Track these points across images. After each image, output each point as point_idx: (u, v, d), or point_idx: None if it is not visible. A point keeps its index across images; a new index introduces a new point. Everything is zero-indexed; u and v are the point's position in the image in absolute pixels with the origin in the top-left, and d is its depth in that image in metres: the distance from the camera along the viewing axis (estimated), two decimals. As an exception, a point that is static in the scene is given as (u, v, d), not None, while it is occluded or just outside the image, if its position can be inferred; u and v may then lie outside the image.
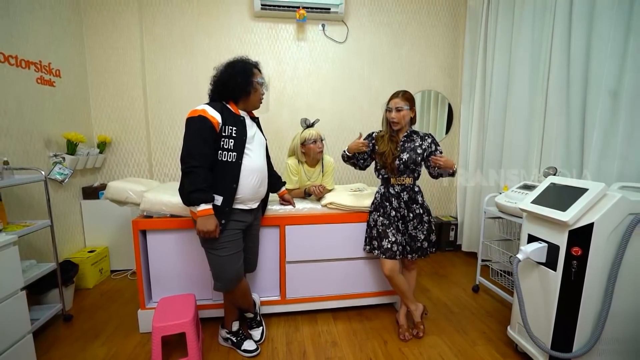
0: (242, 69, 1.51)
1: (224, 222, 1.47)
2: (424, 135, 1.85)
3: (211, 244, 1.49)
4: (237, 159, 1.48)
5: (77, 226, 2.56)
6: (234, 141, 1.47)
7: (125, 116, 2.83)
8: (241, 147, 1.49)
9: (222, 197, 1.46)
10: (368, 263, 2.05)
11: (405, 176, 1.82)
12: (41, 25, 2.23)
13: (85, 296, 2.31)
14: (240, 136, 1.50)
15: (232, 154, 1.47)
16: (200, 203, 1.39)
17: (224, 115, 1.47)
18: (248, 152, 1.52)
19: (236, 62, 1.53)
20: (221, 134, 1.46)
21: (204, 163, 1.40)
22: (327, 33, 3.06)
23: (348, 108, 3.19)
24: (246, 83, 1.52)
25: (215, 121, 1.43)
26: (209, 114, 1.43)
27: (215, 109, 1.46)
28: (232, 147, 1.47)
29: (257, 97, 1.59)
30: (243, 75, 1.50)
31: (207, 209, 1.40)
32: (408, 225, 1.83)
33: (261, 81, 1.57)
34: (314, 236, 1.95)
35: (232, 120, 1.49)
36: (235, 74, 1.50)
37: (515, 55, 2.48)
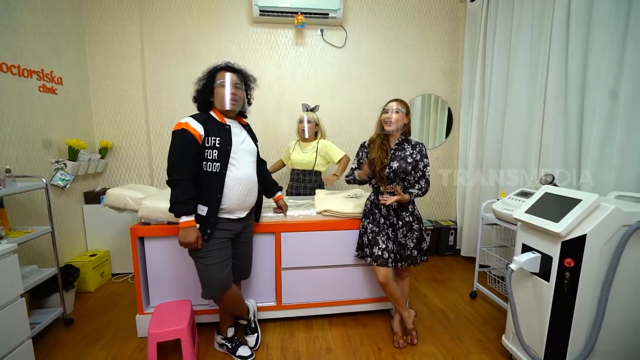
0: (204, 76, 1.55)
1: (209, 232, 1.49)
2: (416, 144, 1.85)
3: (197, 252, 1.51)
4: (221, 169, 1.49)
5: (79, 230, 2.60)
6: (218, 151, 1.49)
7: (126, 122, 2.87)
8: (225, 157, 1.50)
9: (207, 208, 1.48)
10: (363, 270, 2.06)
11: (395, 184, 1.82)
12: (43, 35, 2.27)
13: (87, 300, 2.35)
14: (224, 146, 1.51)
15: (216, 164, 1.49)
16: (182, 215, 1.42)
17: (208, 125, 1.49)
18: (233, 162, 1.53)
19: (204, 72, 1.57)
20: (204, 145, 1.48)
21: (186, 176, 1.43)
22: (326, 38, 3.07)
23: (347, 113, 3.19)
24: (206, 91, 1.55)
25: (197, 133, 1.45)
26: (190, 127, 1.46)
27: (199, 120, 1.49)
28: (215, 158, 1.49)
29: (219, 101, 1.54)
30: (203, 85, 1.55)
31: (188, 221, 1.43)
32: (397, 233, 1.83)
33: (219, 82, 1.53)
34: (309, 243, 1.97)
35: (216, 130, 1.51)
36: (199, 84, 1.55)
37: (514, 59, 2.47)
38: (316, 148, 2.49)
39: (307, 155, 2.48)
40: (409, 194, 1.77)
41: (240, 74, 1.61)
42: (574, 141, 2.02)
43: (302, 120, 2.47)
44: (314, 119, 2.49)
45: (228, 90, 1.53)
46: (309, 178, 2.51)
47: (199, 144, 1.47)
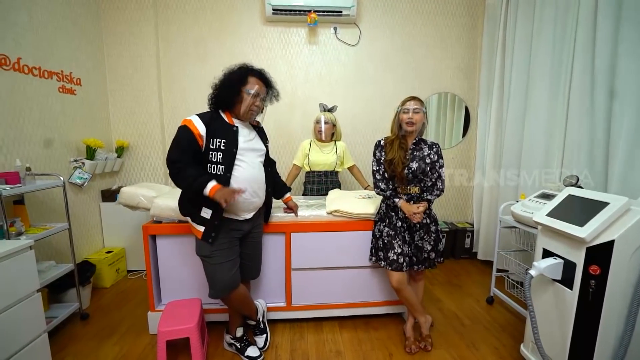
0: (233, 77, 1.50)
1: (214, 235, 1.49)
2: (432, 144, 1.79)
3: (204, 251, 1.51)
4: (225, 172, 1.47)
5: (96, 227, 2.67)
6: (223, 154, 1.47)
7: (142, 121, 2.92)
8: (230, 160, 1.49)
9: (211, 210, 1.48)
10: (375, 272, 2.01)
11: (412, 185, 1.77)
12: (63, 37, 2.33)
13: (102, 295, 2.41)
14: (230, 148, 1.49)
15: (220, 167, 1.47)
16: (206, 184, 1.40)
17: (213, 126, 1.47)
18: (239, 164, 1.51)
19: (233, 68, 1.53)
20: (209, 147, 1.47)
21: (186, 162, 1.44)
22: (339, 36, 3.04)
23: (361, 112, 3.15)
24: (232, 92, 1.50)
25: (197, 132, 1.44)
26: (192, 125, 1.45)
27: (203, 119, 1.47)
28: (220, 160, 1.47)
29: (244, 108, 1.51)
30: (231, 83, 1.50)
31: (214, 185, 1.40)
32: (414, 235, 1.78)
33: (250, 91, 1.50)
34: (319, 243, 1.94)
35: (222, 131, 1.49)
36: (224, 81, 1.51)
37: (536, 56, 2.36)
38: (335, 148, 2.47)
39: (329, 155, 2.45)
40: (427, 200, 1.72)
41: (270, 87, 1.60)
42: (601, 142, 1.91)
43: (319, 121, 2.43)
44: (332, 120, 2.45)
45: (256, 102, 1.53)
46: (330, 179, 2.48)
47: (199, 143, 1.46)
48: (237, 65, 1.55)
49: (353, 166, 2.55)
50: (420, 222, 1.75)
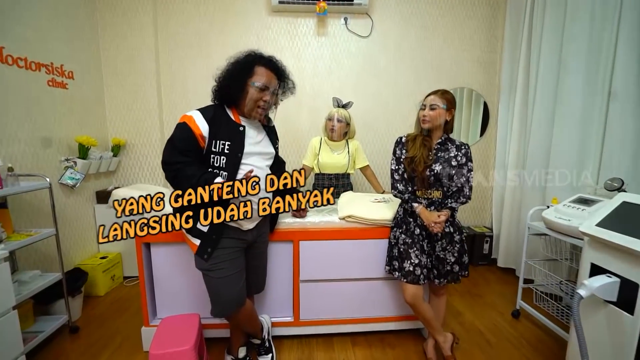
0: (237, 67, 1.30)
1: (210, 251, 1.31)
2: (460, 144, 1.59)
3: (205, 264, 1.33)
4: (228, 179, 1.29)
5: (90, 231, 2.50)
6: (226, 158, 1.29)
7: (139, 118, 2.75)
8: (234, 165, 1.30)
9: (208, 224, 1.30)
10: (391, 284, 1.82)
11: (434, 189, 1.57)
12: (53, 27, 2.16)
13: (95, 305, 2.24)
14: (234, 152, 1.30)
15: (223, 173, 1.30)
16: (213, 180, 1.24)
17: (217, 125, 1.29)
18: (244, 168, 1.33)
19: (239, 57, 1.33)
20: (211, 150, 1.29)
21: (186, 162, 1.26)
22: (350, 27, 2.84)
23: (372, 107, 2.95)
24: (236, 86, 1.29)
25: (198, 132, 1.26)
26: (194, 122, 1.26)
27: (206, 116, 1.28)
28: (223, 165, 1.29)
29: (248, 105, 1.31)
30: (235, 74, 1.29)
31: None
32: (435, 245, 1.58)
33: (257, 84, 1.30)
34: (331, 253, 1.75)
35: (227, 131, 1.31)
36: (228, 73, 1.31)
37: (568, 48, 2.14)
38: (348, 149, 2.27)
39: (340, 157, 2.25)
40: (450, 208, 1.53)
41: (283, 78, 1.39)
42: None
43: (332, 118, 2.22)
44: (346, 117, 2.24)
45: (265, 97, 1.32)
46: (342, 182, 2.29)
47: (199, 144, 1.28)
48: (244, 52, 1.34)
49: (367, 167, 2.35)
50: (443, 230, 1.56)
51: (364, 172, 2.37)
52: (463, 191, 1.57)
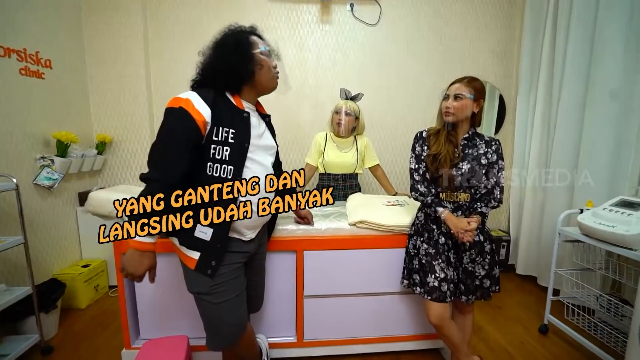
0: (235, 45, 1.08)
1: (214, 264, 1.07)
2: (490, 140, 1.38)
3: (202, 288, 1.09)
4: (235, 174, 1.07)
5: (71, 236, 2.27)
6: (231, 149, 1.06)
7: (127, 112, 2.52)
8: (241, 158, 1.08)
9: (212, 229, 1.06)
10: (409, 299, 1.60)
11: (461, 191, 1.36)
12: (27, 9, 1.93)
13: (75, 319, 2.01)
14: (241, 142, 1.08)
15: (228, 168, 1.06)
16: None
17: (217, 111, 1.06)
18: (250, 164, 1.11)
19: (226, 37, 1.11)
20: (211, 139, 1.05)
21: (167, 178, 0.99)
22: (357, 14, 2.61)
23: (380, 101, 2.72)
24: (245, 62, 1.08)
25: (200, 119, 1.02)
26: (193, 107, 1.01)
27: (206, 100, 1.05)
28: (227, 158, 1.06)
29: (266, 75, 1.14)
30: (238, 52, 1.07)
31: (147, 242, 1.00)
32: (463, 256, 1.36)
33: (265, 49, 1.13)
34: (340, 264, 1.53)
35: (230, 118, 1.08)
36: (228, 55, 1.07)
37: (601, 34, 1.93)
38: (356, 146, 2.04)
39: (347, 155, 2.03)
40: (480, 214, 1.32)
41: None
42: None
43: (339, 111, 2.00)
44: (355, 110, 2.02)
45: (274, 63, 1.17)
46: (349, 183, 2.06)
47: (201, 135, 1.04)
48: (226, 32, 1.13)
49: (377, 166, 2.12)
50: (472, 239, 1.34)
51: (374, 172, 2.15)
52: (493, 193, 1.36)
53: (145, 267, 1.01)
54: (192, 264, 1.08)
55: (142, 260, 1.00)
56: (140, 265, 1.00)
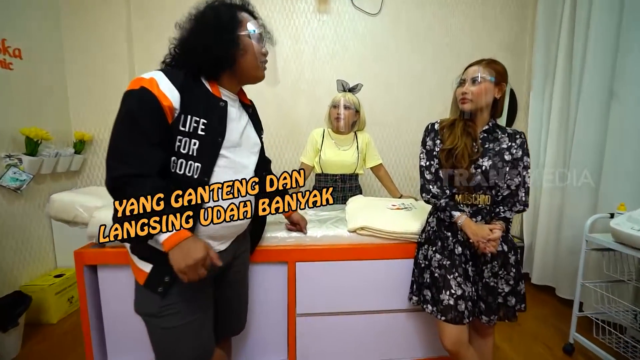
0: (217, 21, 0.88)
1: (167, 280, 0.87)
2: (514, 133, 1.19)
3: (149, 309, 0.88)
4: (202, 173, 0.87)
5: (44, 243, 2.07)
6: (200, 143, 0.86)
7: (109, 109, 2.32)
8: (212, 154, 0.89)
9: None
10: (416, 318, 1.40)
11: (481, 192, 1.16)
12: (-8, -9, 1.75)
13: (43, 336, 1.80)
14: (212, 136, 0.89)
15: (195, 165, 0.86)
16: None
17: (188, 96, 0.86)
18: (223, 163, 0.91)
19: (207, 10, 0.91)
20: (177, 129, 0.85)
21: (145, 169, 0.80)
22: (357, 3, 2.43)
23: (381, 97, 2.53)
24: (226, 44, 0.88)
25: (167, 104, 0.82)
26: (158, 89, 0.82)
27: (175, 81, 0.85)
28: (194, 153, 0.86)
29: (251, 63, 0.94)
30: (218, 32, 0.87)
31: (174, 233, 0.79)
32: (483, 270, 1.16)
33: (254, 32, 0.93)
34: (338, 278, 1.32)
35: (203, 105, 0.88)
36: (206, 33, 0.87)
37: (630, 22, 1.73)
38: (356, 143, 1.85)
39: (347, 154, 1.83)
40: (503, 219, 1.12)
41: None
42: None
43: (337, 105, 1.80)
44: (355, 103, 1.82)
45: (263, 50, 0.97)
46: (349, 185, 1.86)
47: (167, 121, 0.83)
48: (209, 3, 0.92)
49: (379, 166, 1.92)
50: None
51: (376, 172, 1.95)
52: (518, 195, 1.16)
53: (202, 249, 0.81)
54: (142, 278, 0.88)
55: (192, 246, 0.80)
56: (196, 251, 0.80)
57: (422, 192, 1.21)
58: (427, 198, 1.19)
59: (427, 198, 1.19)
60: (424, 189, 1.20)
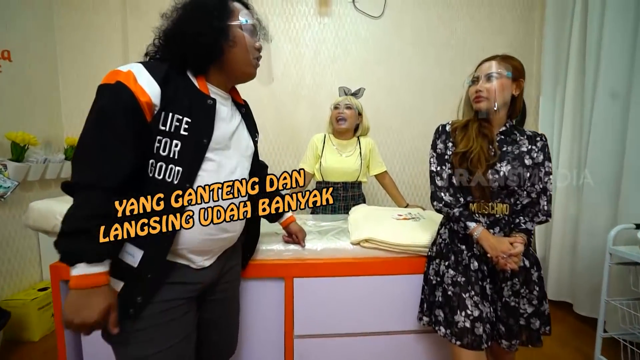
0: (204, 7, 0.79)
1: (140, 300, 0.75)
2: (534, 135, 1.08)
3: (121, 335, 0.75)
4: (183, 179, 0.76)
5: (29, 255, 1.97)
6: (182, 144, 0.76)
7: (102, 114, 2.25)
8: (195, 157, 0.78)
9: (142, 251, 0.75)
10: (426, 339, 1.26)
11: (498, 201, 1.04)
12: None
13: (23, 355, 1.68)
14: (198, 136, 0.78)
15: (176, 169, 0.75)
16: (75, 262, 0.66)
17: (170, 91, 0.76)
18: (209, 167, 0.81)
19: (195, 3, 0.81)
20: (157, 128, 0.75)
21: (104, 180, 0.69)
22: (359, 5, 2.36)
23: (384, 101, 2.44)
24: (213, 33, 0.78)
25: (145, 99, 0.72)
26: (135, 83, 0.72)
27: (155, 75, 0.75)
28: (175, 156, 0.75)
29: (241, 56, 0.84)
30: (205, 18, 0.78)
31: (91, 274, 0.67)
32: (503, 288, 1.04)
33: (246, 22, 0.83)
34: (340, 295, 1.20)
35: (188, 103, 0.78)
36: (192, 20, 0.78)
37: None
38: (359, 149, 1.75)
39: (349, 160, 1.73)
40: (525, 231, 1.01)
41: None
42: None
43: (338, 105, 1.72)
44: (357, 105, 1.75)
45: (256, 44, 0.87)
46: (351, 194, 1.75)
47: (145, 120, 0.74)
48: None
49: (384, 173, 1.81)
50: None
51: (381, 180, 1.84)
52: (539, 204, 1.05)
53: (100, 309, 0.67)
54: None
55: (92, 300, 0.67)
56: (91, 309, 0.67)
57: (432, 200, 1.10)
58: (439, 207, 1.08)
59: (438, 207, 1.08)
60: (435, 196, 1.09)
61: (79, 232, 0.66)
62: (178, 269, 0.80)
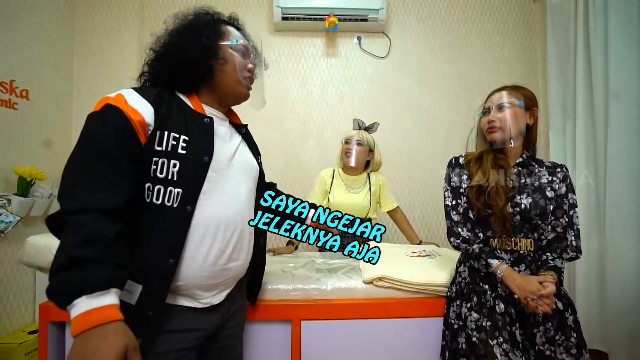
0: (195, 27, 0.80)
1: (141, 343, 0.63)
2: (553, 166, 1.04)
3: None
4: (184, 201, 0.71)
5: (24, 294, 1.88)
6: (181, 164, 0.72)
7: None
8: (196, 178, 0.74)
9: (141, 286, 0.68)
10: (451, 394, 1.12)
11: (522, 236, 0.97)
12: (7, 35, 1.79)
13: (4, 408, 1.53)
14: (197, 154, 0.74)
15: (175, 191, 0.71)
16: (74, 297, 0.54)
17: (163, 109, 0.73)
18: (211, 189, 0.76)
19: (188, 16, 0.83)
20: (152, 149, 0.71)
21: (96, 203, 0.60)
22: (364, 46, 2.45)
23: (392, 138, 2.44)
24: (203, 50, 0.78)
25: (137, 118, 0.68)
26: (127, 105, 0.68)
27: (146, 95, 0.73)
28: (174, 177, 0.71)
29: (230, 76, 0.83)
30: (195, 36, 0.78)
31: (96, 307, 0.54)
32: (535, 334, 0.93)
33: (237, 42, 0.83)
34: (351, 340, 1.09)
35: (183, 121, 0.75)
36: (181, 38, 0.79)
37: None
38: (369, 185, 1.71)
39: (358, 196, 1.69)
40: (554, 269, 0.93)
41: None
42: None
43: (349, 140, 1.72)
44: (369, 141, 1.74)
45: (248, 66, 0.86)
46: None
47: (139, 140, 0.69)
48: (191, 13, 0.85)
49: (396, 209, 1.76)
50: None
51: (393, 216, 1.78)
52: (567, 239, 0.97)
53: (113, 354, 0.52)
54: None
55: (98, 344, 0.52)
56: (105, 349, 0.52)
57: (449, 236, 1.03)
58: (456, 243, 1.00)
59: (456, 243, 1.01)
60: (451, 232, 1.02)
61: (74, 262, 0.56)
62: (179, 313, 0.73)
